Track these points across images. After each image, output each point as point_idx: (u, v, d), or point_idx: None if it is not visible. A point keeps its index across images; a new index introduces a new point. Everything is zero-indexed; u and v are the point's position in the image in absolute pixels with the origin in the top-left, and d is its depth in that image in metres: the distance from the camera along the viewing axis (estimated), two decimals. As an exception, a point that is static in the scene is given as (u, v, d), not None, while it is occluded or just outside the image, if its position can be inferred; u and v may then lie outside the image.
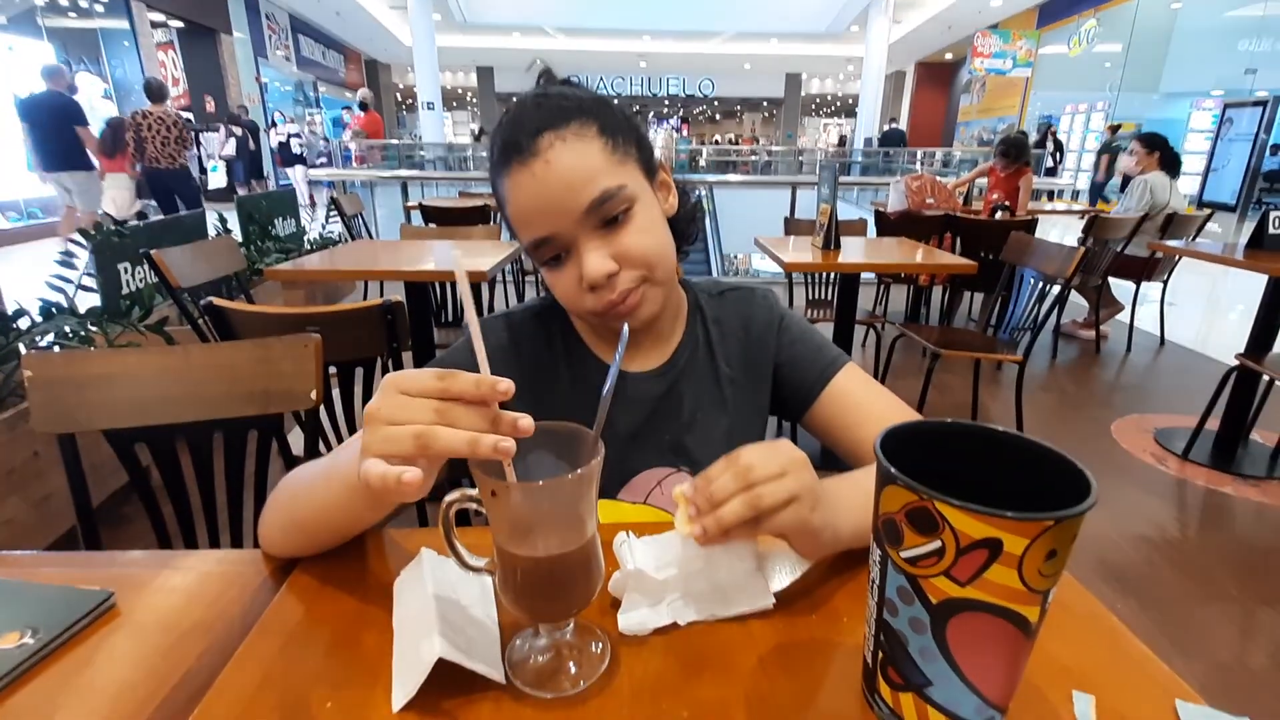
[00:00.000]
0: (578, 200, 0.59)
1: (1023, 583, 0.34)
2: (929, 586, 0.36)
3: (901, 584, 0.37)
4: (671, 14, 13.96)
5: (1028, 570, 0.33)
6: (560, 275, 0.63)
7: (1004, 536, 0.33)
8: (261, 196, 3.92)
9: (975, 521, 0.33)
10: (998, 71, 13.28)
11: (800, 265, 2.30)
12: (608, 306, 0.63)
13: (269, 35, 13.13)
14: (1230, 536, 2.00)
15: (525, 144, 0.59)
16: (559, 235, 0.61)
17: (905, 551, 0.37)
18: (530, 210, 0.60)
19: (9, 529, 1.57)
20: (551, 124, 0.59)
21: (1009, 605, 0.34)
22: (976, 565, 0.34)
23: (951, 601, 0.35)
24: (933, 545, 0.35)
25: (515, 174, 0.60)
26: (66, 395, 0.82)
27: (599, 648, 0.46)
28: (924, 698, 0.38)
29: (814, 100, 27.46)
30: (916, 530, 0.36)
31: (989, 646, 0.36)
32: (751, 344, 0.75)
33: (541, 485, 0.41)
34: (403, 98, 23.52)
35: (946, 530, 0.34)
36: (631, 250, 0.62)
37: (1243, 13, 10.07)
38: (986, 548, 0.33)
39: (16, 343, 1.75)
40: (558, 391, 0.71)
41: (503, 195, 0.62)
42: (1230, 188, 9.04)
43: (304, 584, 0.53)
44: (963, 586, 0.35)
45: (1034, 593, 0.34)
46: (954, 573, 0.35)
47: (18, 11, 7.97)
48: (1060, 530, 0.33)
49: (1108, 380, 3.38)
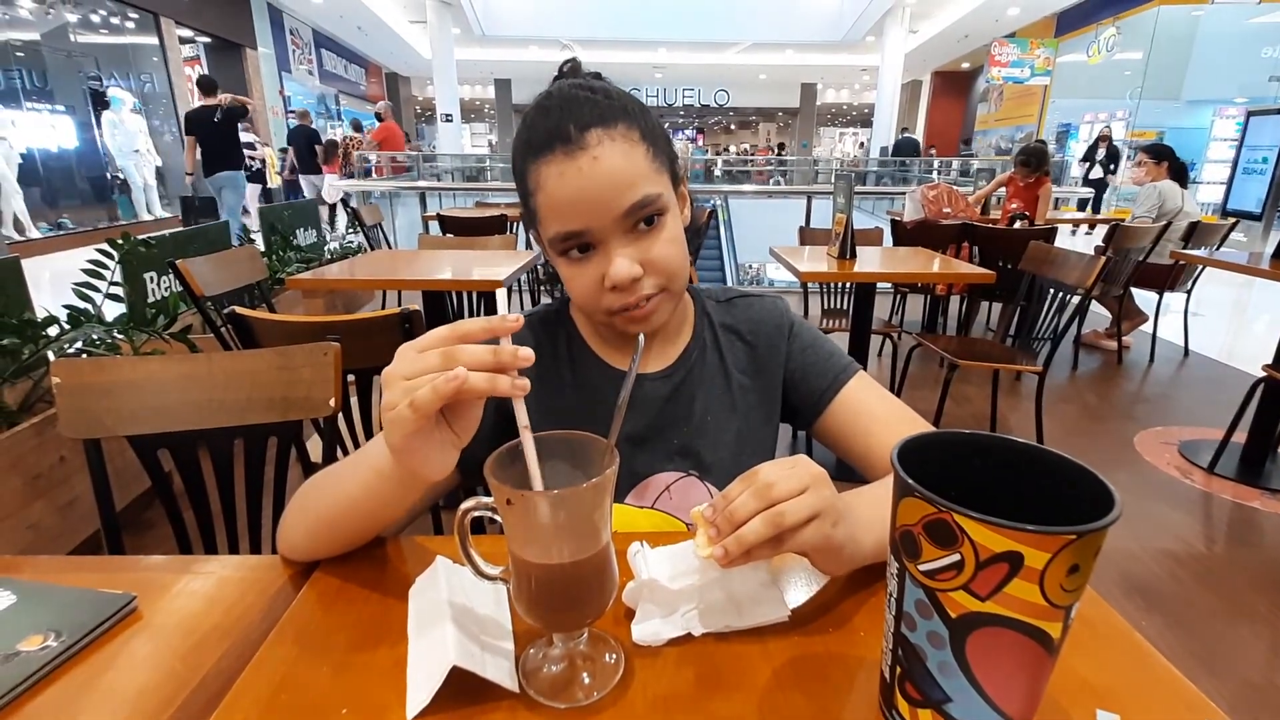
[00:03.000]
0: (619, 202, 0.59)
1: (1045, 598, 0.33)
2: (948, 600, 0.35)
3: (920, 597, 0.37)
4: (687, 25, 14.05)
5: (1049, 585, 0.33)
6: (582, 270, 0.63)
7: (1025, 550, 0.32)
8: (284, 207, 3.99)
9: (995, 534, 0.32)
10: (1015, 80, 13.17)
11: (816, 275, 2.29)
12: (624, 308, 0.63)
13: (293, 50, 13.39)
14: (1259, 552, 1.94)
15: (574, 136, 0.58)
16: (592, 232, 0.60)
17: (923, 565, 0.36)
18: (568, 203, 0.59)
19: (35, 533, 1.60)
20: (601, 121, 0.59)
21: (1031, 621, 0.34)
22: (997, 579, 0.33)
23: (971, 616, 0.34)
24: (951, 558, 0.34)
25: (558, 163, 0.58)
26: (93, 401, 0.84)
27: (613, 658, 0.45)
28: (943, 714, 0.37)
29: (830, 110, 27.43)
30: (935, 543, 0.35)
31: (1010, 662, 0.35)
32: (761, 350, 0.75)
33: (557, 494, 0.41)
34: (422, 110, 23.85)
35: (966, 543, 0.33)
36: (658, 259, 0.62)
37: (1266, 20, 9.92)
38: (1007, 561, 0.33)
39: (46, 349, 1.79)
40: (563, 395, 0.71)
41: (535, 181, 0.60)
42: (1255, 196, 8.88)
43: (321, 590, 0.53)
44: (983, 601, 0.34)
45: (1056, 608, 0.33)
46: (973, 587, 0.34)
47: (51, 28, 8.21)
48: (1083, 544, 0.32)
49: (1130, 391, 3.31)
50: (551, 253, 0.64)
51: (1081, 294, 2.10)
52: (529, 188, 0.62)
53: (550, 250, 0.64)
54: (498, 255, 2.41)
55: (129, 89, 9.19)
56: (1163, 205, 3.66)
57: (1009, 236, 3.28)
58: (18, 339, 1.75)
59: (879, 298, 2.53)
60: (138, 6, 9.06)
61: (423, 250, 2.75)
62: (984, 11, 12.42)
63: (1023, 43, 12.99)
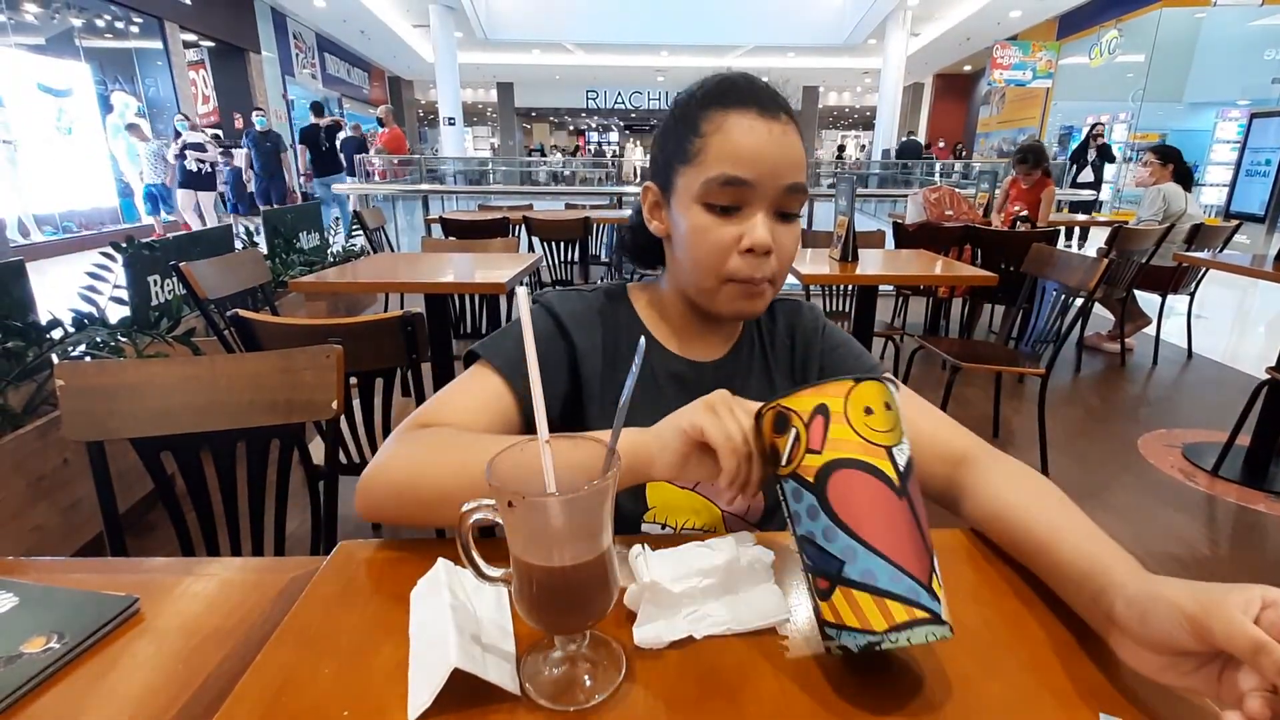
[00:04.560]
0: (789, 176, 0.63)
1: (858, 435, 0.42)
2: (804, 471, 0.43)
3: (793, 487, 0.44)
4: (689, 29, 14.06)
5: (855, 424, 0.42)
6: (721, 225, 0.63)
7: (826, 400, 0.43)
8: (287, 211, 4.00)
9: (805, 397, 0.43)
10: (1017, 83, 13.17)
11: (818, 278, 2.29)
12: (745, 276, 0.64)
13: (296, 54, 13.44)
14: (1264, 556, 1.93)
15: (771, 106, 0.62)
16: (754, 188, 0.62)
17: (783, 461, 0.44)
18: (748, 152, 0.61)
19: (38, 535, 1.60)
20: (789, 111, 0.64)
21: (860, 458, 0.42)
22: (821, 431, 0.43)
23: (820, 471, 0.42)
24: (792, 434, 0.44)
25: (750, 118, 0.62)
26: (97, 404, 0.84)
27: (614, 661, 0.45)
28: (847, 584, 0.41)
29: (832, 113, 27.45)
30: (779, 432, 0.45)
31: (864, 500, 0.41)
32: (798, 351, 0.78)
33: (558, 496, 0.41)
34: (424, 113, 23.93)
35: (794, 417, 0.44)
36: (785, 247, 0.65)
37: (1268, 22, 9.91)
38: (820, 414, 0.43)
39: (50, 352, 1.80)
40: (616, 366, 0.72)
41: (715, 123, 0.63)
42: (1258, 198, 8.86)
43: (322, 592, 0.53)
44: (820, 454, 0.42)
45: (874, 445, 0.42)
46: (810, 445, 0.43)
47: (56, 33, 8.25)
48: (863, 389, 0.43)
49: (1134, 394, 3.31)
50: (688, 201, 0.65)
51: (1084, 296, 2.10)
52: (701, 128, 0.63)
53: (690, 197, 0.64)
54: (500, 258, 2.42)
55: (133, 93, 9.23)
56: (1167, 208, 3.66)
57: (1011, 239, 3.28)
58: (22, 341, 1.76)
59: (881, 300, 2.53)
60: (143, 11, 9.11)
61: (425, 253, 2.75)
62: (986, 14, 12.43)
63: (1024, 45, 12.99)
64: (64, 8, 8.27)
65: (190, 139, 7.76)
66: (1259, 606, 0.36)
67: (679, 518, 0.70)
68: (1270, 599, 0.36)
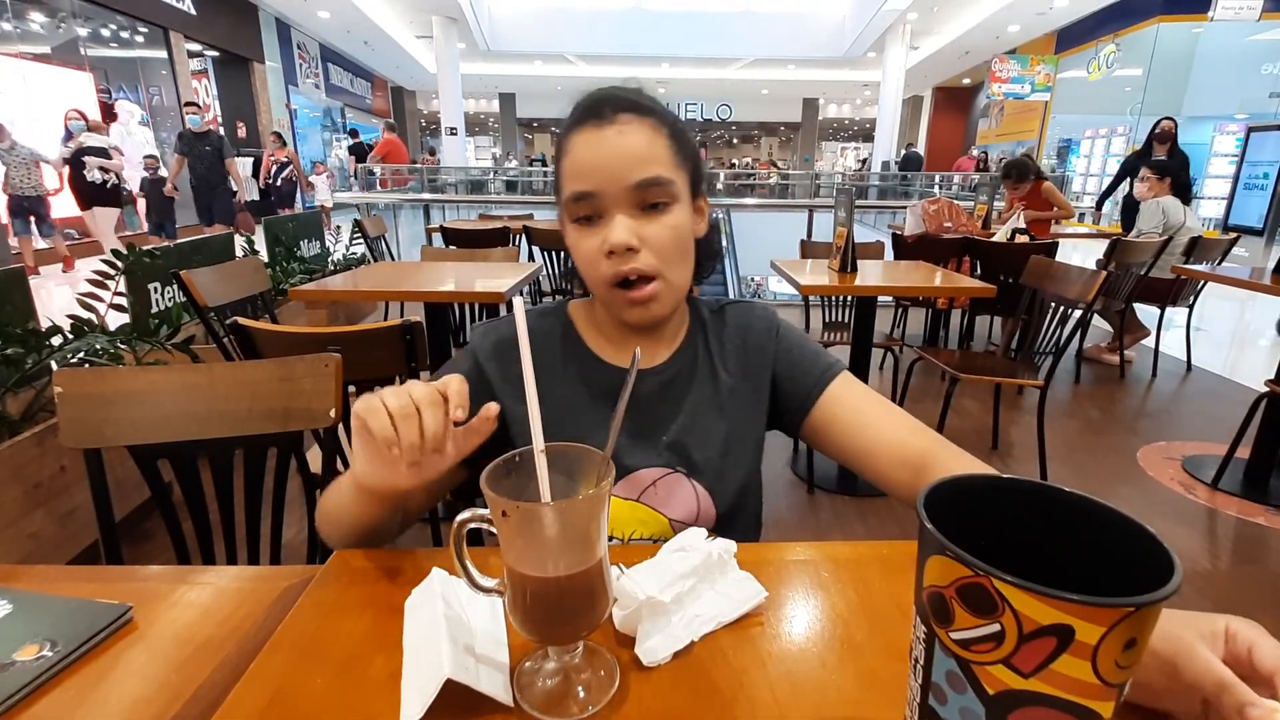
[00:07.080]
0: (631, 173, 0.64)
1: (1097, 675, 0.29)
2: (985, 675, 0.31)
3: (951, 668, 0.32)
4: (690, 42, 14.20)
5: (1103, 662, 0.29)
6: (587, 237, 0.67)
7: (1077, 624, 0.28)
8: (289, 219, 4.02)
9: (1043, 605, 0.28)
10: (1016, 96, 13.26)
11: (817, 289, 2.30)
12: (619, 278, 0.66)
13: (300, 64, 13.54)
14: (1263, 568, 1.93)
15: (606, 113, 0.65)
16: (601, 196, 0.64)
17: (957, 633, 0.32)
18: (586, 165, 0.64)
19: (34, 542, 1.59)
20: (635, 108, 0.66)
21: (1080, 701, 0.30)
22: (1043, 654, 0.29)
23: (1012, 694, 0.30)
24: (990, 628, 0.30)
25: (586, 133, 0.65)
26: (95, 411, 0.84)
27: (608, 671, 0.45)
28: None
29: (831, 125, 27.61)
30: (970, 610, 0.30)
31: None
32: (750, 352, 0.77)
33: (553, 505, 0.41)
34: (427, 123, 24.07)
35: (1007, 612, 0.29)
36: (655, 238, 0.66)
37: (1266, 36, 9.99)
38: (1055, 635, 0.29)
39: (49, 359, 1.80)
40: (553, 382, 0.73)
41: (564, 149, 0.67)
42: (1257, 211, 8.90)
43: (316, 602, 0.53)
44: (1026, 678, 0.30)
45: (1110, 686, 0.29)
46: (1015, 662, 0.30)
47: (61, 41, 8.32)
48: (1141, 617, 0.28)
49: (1133, 406, 3.30)
50: (566, 221, 0.69)
51: (1083, 308, 2.10)
52: (559, 156, 0.68)
53: (565, 218, 0.69)
54: (500, 267, 2.43)
55: (137, 101, 9.29)
56: (1166, 221, 3.67)
57: (1010, 251, 3.29)
58: (21, 348, 1.76)
59: (880, 311, 2.53)
60: (148, 21, 9.19)
61: (425, 262, 2.76)
62: (984, 28, 12.53)
63: (1023, 59, 13.09)
64: (70, 16, 8.34)
65: (88, 141, 6.26)
66: (1224, 640, 0.38)
67: (627, 529, 0.70)
68: (1233, 630, 0.38)
